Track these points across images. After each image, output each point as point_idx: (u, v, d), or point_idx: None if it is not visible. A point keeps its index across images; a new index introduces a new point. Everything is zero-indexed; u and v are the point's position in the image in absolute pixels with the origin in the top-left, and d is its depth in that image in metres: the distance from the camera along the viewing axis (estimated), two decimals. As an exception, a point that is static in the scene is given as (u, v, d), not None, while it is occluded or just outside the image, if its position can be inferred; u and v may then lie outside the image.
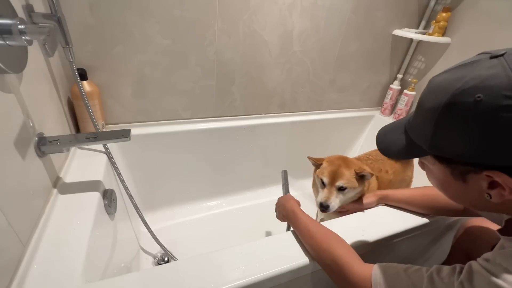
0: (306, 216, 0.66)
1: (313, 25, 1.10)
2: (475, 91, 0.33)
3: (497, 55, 0.34)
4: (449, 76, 0.37)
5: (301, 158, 1.16)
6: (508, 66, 0.32)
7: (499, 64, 0.33)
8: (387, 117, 1.48)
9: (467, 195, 0.40)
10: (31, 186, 0.58)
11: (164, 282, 0.51)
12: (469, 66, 0.36)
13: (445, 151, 0.38)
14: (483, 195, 0.37)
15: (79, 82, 0.72)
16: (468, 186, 0.38)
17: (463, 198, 0.43)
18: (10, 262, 0.48)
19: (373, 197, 0.81)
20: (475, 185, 0.37)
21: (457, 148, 0.36)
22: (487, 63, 0.34)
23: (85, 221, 0.62)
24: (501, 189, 0.35)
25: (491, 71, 0.33)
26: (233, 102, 1.16)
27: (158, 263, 1.02)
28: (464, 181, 0.38)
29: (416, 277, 0.41)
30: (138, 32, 0.88)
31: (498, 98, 0.31)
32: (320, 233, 0.59)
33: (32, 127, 0.60)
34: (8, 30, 0.46)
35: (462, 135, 0.35)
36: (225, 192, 1.34)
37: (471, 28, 1.12)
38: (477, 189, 0.37)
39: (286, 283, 0.59)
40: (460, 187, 0.39)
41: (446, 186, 0.43)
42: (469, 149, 0.35)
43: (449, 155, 0.38)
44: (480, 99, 0.32)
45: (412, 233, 0.72)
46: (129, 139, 0.68)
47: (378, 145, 0.49)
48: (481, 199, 0.38)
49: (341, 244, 0.56)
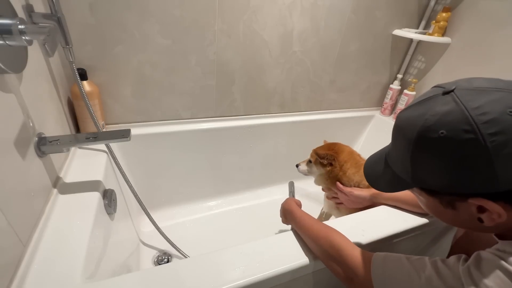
0: (303, 212, 0.67)
1: (313, 25, 1.10)
2: (437, 128, 0.35)
3: (448, 91, 0.36)
4: (412, 113, 0.39)
5: (301, 158, 1.16)
6: (460, 101, 0.34)
7: (452, 100, 0.35)
8: (387, 117, 1.48)
9: (461, 221, 0.41)
10: (31, 186, 0.58)
11: (164, 282, 0.51)
12: (426, 103, 0.38)
13: (427, 183, 0.39)
14: (475, 220, 0.38)
15: (79, 82, 0.72)
16: (459, 213, 0.39)
17: (458, 223, 0.43)
18: (10, 262, 0.48)
19: (366, 192, 0.82)
20: (465, 211, 0.38)
21: (436, 180, 0.38)
22: (441, 100, 0.36)
23: (85, 221, 0.62)
24: (490, 213, 0.36)
25: (446, 107, 0.35)
26: (233, 102, 1.16)
27: (158, 263, 1.02)
28: (454, 208, 0.39)
29: (418, 263, 0.42)
30: (138, 32, 0.88)
31: (458, 132, 0.34)
32: (318, 224, 0.61)
33: (32, 127, 0.60)
34: (8, 30, 0.46)
35: (437, 167, 0.37)
36: (225, 192, 1.34)
37: (471, 28, 1.12)
38: (468, 215, 0.38)
39: (286, 283, 0.59)
40: (452, 214, 0.40)
41: (438, 214, 0.43)
42: (447, 180, 0.36)
43: (432, 187, 0.39)
44: (444, 135, 0.35)
45: (412, 233, 0.72)
46: (129, 139, 0.68)
47: (367, 179, 0.50)
48: (475, 223, 0.38)
49: (338, 233, 0.57)
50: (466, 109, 0.34)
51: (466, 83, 0.36)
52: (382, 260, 0.46)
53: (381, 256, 0.47)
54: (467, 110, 0.33)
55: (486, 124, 0.32)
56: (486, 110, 0.33)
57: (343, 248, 0.52)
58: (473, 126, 0.33)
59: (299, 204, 0.75)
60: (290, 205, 0.72)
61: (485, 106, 0.33)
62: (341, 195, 0.88)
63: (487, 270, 0.34)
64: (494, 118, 0.32)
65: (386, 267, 0.44)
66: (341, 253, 0.51)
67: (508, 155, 0.32)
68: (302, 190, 1.43)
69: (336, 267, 0.52)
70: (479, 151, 0.33)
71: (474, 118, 0.33)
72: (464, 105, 0.34)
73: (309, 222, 0.62)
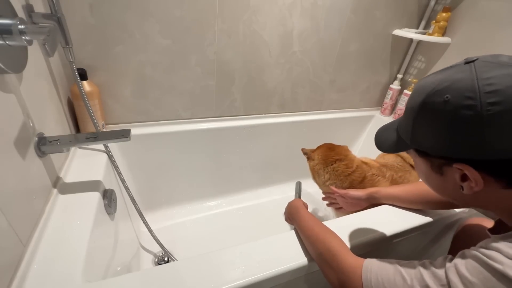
0: (309, 213, 0.67)
1: (313, 25, 1.10)
2: (444, 92, 0.37)
3: (470, 61, 0.37)
4: (430, 78, 0.41)
5: (301, 158, 1.16)
6: (475, 71, 0.36)
7: (469, 69, 0.36)
8: (387, 117, 1.48)
9: (446, 187, 0.43)
10: (31, 186, 0.58)
11: (164, 282, 0.51)
12: (446, 70, 0.40)
13: (422, 145, 0.42)
14: (458, 188, 0.40)
15: (79, 82, 0.72)
16: (445, 179, 0.42)
17: (443, 190, 0.46)
18: (10, 262, 0.48)
19: (362, 192, 0.82)
20: (450, 177, 0.40)
21: (430, 142, 0.40)
22: (460, 68, 0.38)
23: (85, 221, 0.62)
24: (470, 181, 0.38)
25: (461, 75, 0.37)
26: (233, 102, 1.16)
27: (158, 263, 1.02)
28: (441, 174, 0.42)
29: (407, 266, 0.43)
30: (138, 32, 0.88)
31: (461, 98, 0.35)
32: (319, 227, 0.61)
33: (32, 127, 0.60)
34: (8, 30, 0.46)
35: (433, 130, 0.39)
36: (225, 192, 1.34)
37: (471, 28, 1.12)
38: (452, 182, 0.41)
39: (286, 283, 0.59)
40: (439, 180, 0.43)
41: (428, 178, 0.46)
42: (439, 143, 0.39)
43: (425, 149, 0.42)
44: (448, 99, 0.36)
45: (412, 233, 0.72)
46: (129, 139, 0.68)
47: (375, 141, 0.53)
48: (457, 192, 0.41)
49: (337, 238, 0.57)
50: (476, 78, 0.35)
51: (491, 57, 0.37)
52: (372, 265, 0.46)
53: (372, 261, 0.47)
54: (477, 79, 0.35)
55: (489, 93, 0.34)
56: (494, 81, 0.34)
57: (338, 253, 0.52)
58: (476, 94, 0.34)
59: (306, 206, 0.74)
60: (297, 204, 0.73)
61: (495, 78, 0.34)
62: (339, 198, 0.88)
63: (471, 267, 0.36)
64: (498, 90, 0.33)
65: (376, 270, 0.45)
66: (336, 258, 0.51)
67: (499, 125, 0.34)
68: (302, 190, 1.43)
69: (329, 271, 0.52)
70: (473, 118, 0.34)
71: (480, 87, 0.34)
72: (477, 74, 0.35)
73: (311, 223, 0.62)
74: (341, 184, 0.91)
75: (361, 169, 0.91)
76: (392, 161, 1.01)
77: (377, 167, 0.95)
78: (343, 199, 0.86)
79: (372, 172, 0.92)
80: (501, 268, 0.33)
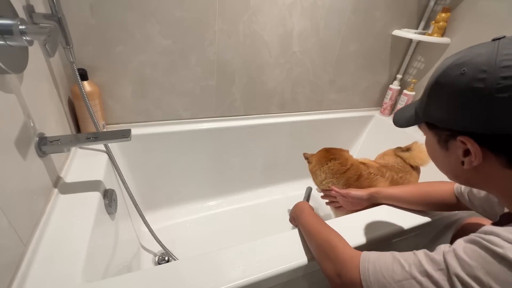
0: (313, 213, 0.68)
1: (313, 25, 1.11)
2: (462, 66, 0.37)
3: (497, 38, 0.37)
4: (454, 54, 0.41)
5: (301, 158, 1.16)
6: (498, 47, 0.35)
7: (492, 45, 0.36)
8: (386, 117, 1.48)
9: (449, 163, 0.44)
10: (32, 186, 0.58)
11: (164, 282, 0.51)
12: (474, 46, 0.39)
13: (432, 117, 0.43)
14: (460, 163, 0.41)
15: (79, 82, 0.72)
16: (449, 154, 0.43)
17: (446, 166, 0.46)
18: (11, 262, 0.49)
19: (363, 191, 0.82)
20: (453, 153, 0.41)
21: (440, 114, 0.41)
22: (486, 44, 0.38)
23: (86, 221, 0.62)
24: (471, 156, 0.39)
25: (484, 50, 0.37)
26: (233, 102, 1.16)
27: (159, 263, 1.03)
28: (447, 149, 0.43)
29: (405, 254, 0.43)
30: (139, 32, 0.88)
31: (476, 71, 0.36)
32: (321, 224, 0.61)
33: (32, 127, 0.60)
34: (9, 30, 0.46)
35: (444, 101, 0.40)
36: (225, 192, 1.35)
37: (470, 29, 1.13)
38: (455, 157, 0.42)
39: (286, 282, 0.60)
40: (444, 156, 0.44)
41: (434, 153, 0.47)
42: (448, 114, 0.40)
43: (435, 122, 0.43)
44: (464, 72, 0.37)
45: (412, 233, 0.73)
46: (130, 139, 0.68)
47: (393, 118, 0.54)
48: (458, 167, 0.42)
49: (337, 233, 0.57)
50: (496, 54, 0.35)
51: None
52: (370, 255, 0.46)
53: (370, 252, 0.47)
54: (496, 55, 0.35)
55: (503, 68, 0.34)
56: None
57: (337, 244, 0.52)
58: (491, 67, 0.34)
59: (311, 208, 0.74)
60: (303, 205, 0.74)
61: None
62: (340, 197, 0.88)
63: (470, 251, 0.36)
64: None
65: (374, 260, 0.45)
66: (334, 249, 0.52)
67: (506, 100, 0.34)
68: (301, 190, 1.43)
69: (327, 262, 0.52)
70: (483, 90, 0.35)
71: (497, 62, 0.34)
72: (498, 50, 0.35)
73: (313, 220, 0.63)
74: (337, 182, 0.92)
75: (356, 167, 0.92)
76: (392, 161, 1.01)
77: (376, 167, 0.96)
78: (344, 198, 0.86)
79: (369, 171, 0.92)
80: (501, 251, 0.33)
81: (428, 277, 0.37)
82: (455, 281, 0.34)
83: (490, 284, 0.32)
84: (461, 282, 0.34)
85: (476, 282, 0.33)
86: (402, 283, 0.39)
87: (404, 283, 0.39)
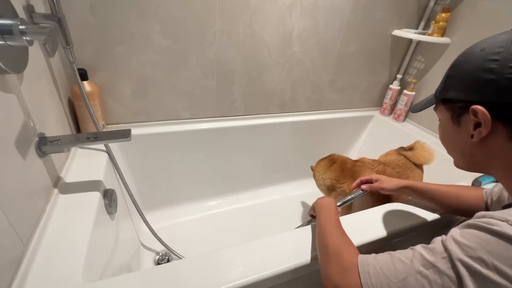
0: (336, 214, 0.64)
1: (313, 25, 1.11)
2: (482, 45, 0.41)
3: None
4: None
5: (301, 158, 1.16)
6: None
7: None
8: (386, 117, 1.48)
9: (459, 140, 0.46)
10: (32, 185, 0.58)
11: (165, 282, 0.51)
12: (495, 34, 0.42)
13: (448, 93, 0.45)
14: (469, 138, 0.43)
15: (79, 82, 0.72)
16: (460, 130, 0.45)
17: (456, 143, 0.48)
18: (11, 262, 0.49)
19: (395, 181, 0.78)
20: (465, 126, 0.43)
21: (456, 87, 0.44)
22: (507, 31, 0.40)
23: (86, 221, 0.62)
24: (480, 128, 0.40)
25: (503, 34, 0.40)
26: (233, 102, 1.16)
27: (159, 263, 1.03)
28: (459, 125, 0.45)
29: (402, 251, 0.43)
30: (139, 32, 0.88)
31: (494, 47, 0.39)
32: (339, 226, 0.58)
33: (32, 127, 0.60)
34: (9, 30, 0.46)
35: (462, 75, 0.43)
36: (225, 192, 1.35)
37: (470, 29, 1.13)
38: (466, 131, 0.43)
39: (286, 282, 0.60)
40: (456, 132, 0.46)
41: (446, 132, 0.49)
42: (464, 87, 0.42)
43: (451, 96, 0.45)
44: (483, 49, 0.40)
45: (412, 233, 0.73)
46: (130, 139, 0.68)
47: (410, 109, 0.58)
48: (468, 143, 0.44)
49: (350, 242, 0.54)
50: None
51: None
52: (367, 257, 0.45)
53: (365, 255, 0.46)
54: None
55: None
56: None
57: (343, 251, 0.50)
58: (508, 43, 0.38)
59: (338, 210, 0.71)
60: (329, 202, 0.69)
61: None
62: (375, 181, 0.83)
63: (467, 234, 0.36)
64: None
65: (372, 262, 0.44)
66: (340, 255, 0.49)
67: None
68: (301, 189, 1.43)
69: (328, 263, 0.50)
70: (497, 62, 0.38)
71: None
72: None
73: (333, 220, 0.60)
74: (329, 177, 1.02)
75: (340, 161, 1.04)
76: (393, 159, 1.03)
77: (369, 162, 1.01)
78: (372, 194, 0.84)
79: (356, 164, 1.01)
80: (499, 229, 0.33)
81: (433, 268, 0.37)
82: (459, 267, 0.34)
83: (493, 262, 0.32)
84: (465, 266, 0.34)
85: (479, 263, 0.33)
86: (407, 280, 0.38)
87: (410, 280, 0.38)
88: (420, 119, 1.38)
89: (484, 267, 0.33)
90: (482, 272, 0.33)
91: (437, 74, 1.28)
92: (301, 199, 1.42)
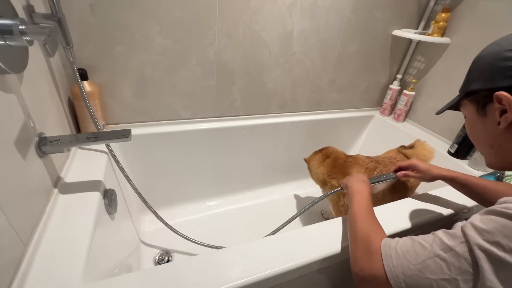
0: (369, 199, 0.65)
1: (313, 25, 1.11)
2: (500, 41, 0.44)
3: None
4: None
5: (301, 158, 1.16)
6: None
7: None
8: (386, 117, 1.48)
9: (487, 130, 0.46)
10: (32, 186, 0.58)
11: (164, 282, 0.51)
12: None
13: (472, 86, 0.47)
14: (497, 127, 0.43)
15: (79, 82, 0.72)
16: (486, 120, 0.45)
17: (485, 134, 0.48)
18: (10, 262, 0.49)
19: (434, 172, 0.76)
20: (491, 115, 0.44)
21: (478, 78, 0.46)
22: None
23: (86, 221, 0.62)
24: (506, 114, 0.41)
25: None
26: (233, 102, 1.16)
27: (159, 263, 1.03)
28: (485, 115, 0.45)
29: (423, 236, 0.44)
30: (139, 32, 0.88)
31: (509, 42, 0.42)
32: (371, 212, 0.60)
33: (32, 127, 0.60)
34: (9, 30, 0.46)
35: (483, 67, 0.45)
36: (225, 192, 1.35)
37: (470, 29, 1.13)
38: (492, 120, 0.44)
39: (286, 282, 0.60)
40: (483, 123, 0.46)
41: (474, 127, 0.50)
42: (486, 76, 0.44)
43: (474, 88, 0.46)
44: (500, 43, 0.43)
45: (412, 233, 0.73)
46: (130, 139, 0.68)
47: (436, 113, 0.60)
48: (495, 132, 0.44)
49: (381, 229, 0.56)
50: None
51: None
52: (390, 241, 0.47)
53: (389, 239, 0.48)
54: None
55: None
56: None
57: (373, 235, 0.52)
58: None
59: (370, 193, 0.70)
60: (365, 188, 0.70)
61: None
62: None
63: (486, 220, 0.37)
64: None
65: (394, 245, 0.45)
66: (370, 238, 0.51)
67: None
68: (301, 189, 1.43)
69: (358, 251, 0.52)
70: None
71: None
72: None
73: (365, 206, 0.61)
74: (321, 171, 1.04)
75: (334, 157, 1.04)
76: (388, 156, 1.04)
77: (361, 158, 1.02)
78: None
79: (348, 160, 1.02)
80: None
81: (451, 252, 0.38)
82: (476, 251, 0.36)
83: (509, 245, 0.33)
84: (482, 250, 0.35)
85: (497, 247, 0.34)
86: (426, 263, 0.40)
87: (428, 262, 0.40)
88: (420, 119, 1.38)
89: (501, 250, 0.34)
90: (499, 255, 0.34)
91: (437, 74, 1.28)
92: (302, 199, 1.42)
